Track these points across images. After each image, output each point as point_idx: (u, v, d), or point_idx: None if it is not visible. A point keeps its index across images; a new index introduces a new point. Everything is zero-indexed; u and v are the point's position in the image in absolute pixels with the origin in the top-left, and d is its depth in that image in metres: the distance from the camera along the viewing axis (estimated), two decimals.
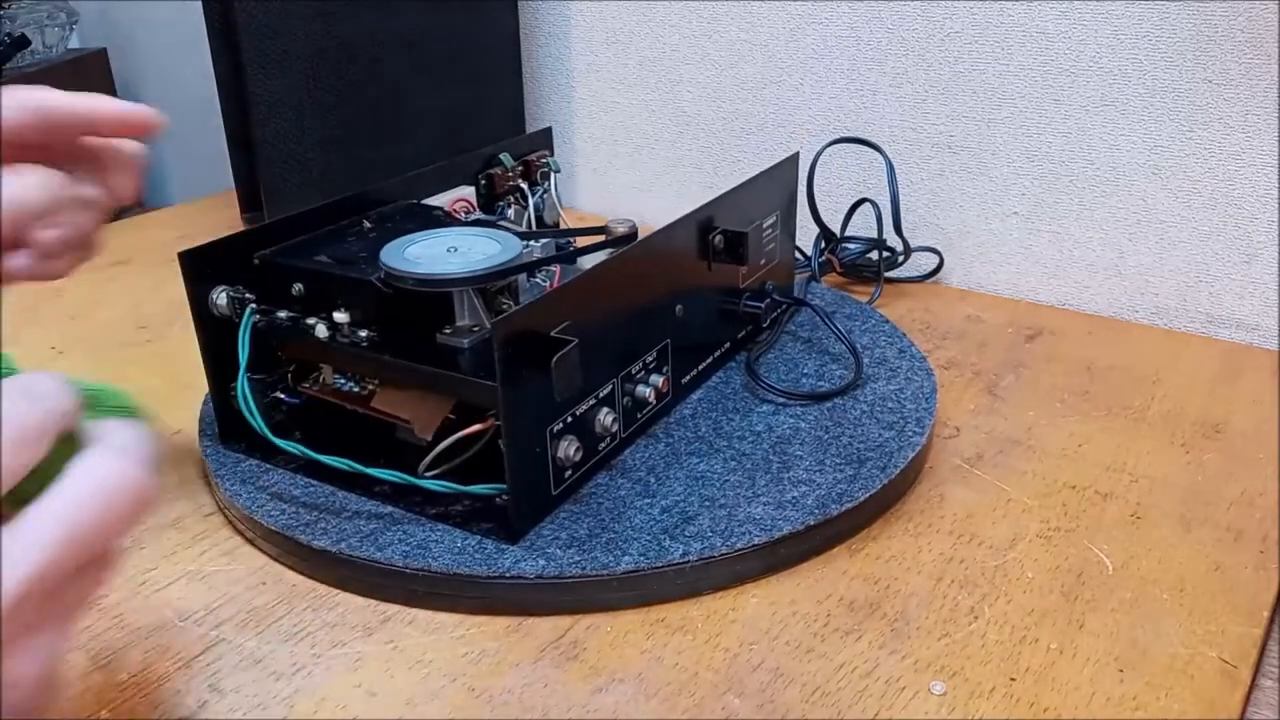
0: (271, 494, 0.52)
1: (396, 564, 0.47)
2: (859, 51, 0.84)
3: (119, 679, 0.44)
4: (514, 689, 0.43)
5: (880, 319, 0.71)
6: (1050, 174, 0.79)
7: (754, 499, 0.51)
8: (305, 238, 0.58)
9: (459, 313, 0.52)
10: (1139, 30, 0.72)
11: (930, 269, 0.84)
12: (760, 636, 0.45)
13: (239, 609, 0.48)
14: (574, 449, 0.50)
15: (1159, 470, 0.57)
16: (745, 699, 0.42)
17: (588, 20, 0.99)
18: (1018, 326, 0.75)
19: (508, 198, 0.71)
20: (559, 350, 0.45)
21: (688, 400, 0.60)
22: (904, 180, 0.84)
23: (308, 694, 0.43)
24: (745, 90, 0.92)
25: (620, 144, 1.01)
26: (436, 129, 0.95)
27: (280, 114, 0.86)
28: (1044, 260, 0.81)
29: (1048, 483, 0.56)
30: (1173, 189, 0.74)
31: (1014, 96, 0.78)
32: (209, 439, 0.57)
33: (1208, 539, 0.51)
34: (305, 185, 0.89)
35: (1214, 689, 0.42)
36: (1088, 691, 0.42)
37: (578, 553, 0.47)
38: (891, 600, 0.47)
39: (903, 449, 0.55)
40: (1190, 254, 0.75)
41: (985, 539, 0.51)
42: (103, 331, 0.77)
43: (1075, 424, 0.62)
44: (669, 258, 0.57)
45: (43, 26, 1.32)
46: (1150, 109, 0.73)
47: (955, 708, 0.41)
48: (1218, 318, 0.75)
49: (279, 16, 0.84)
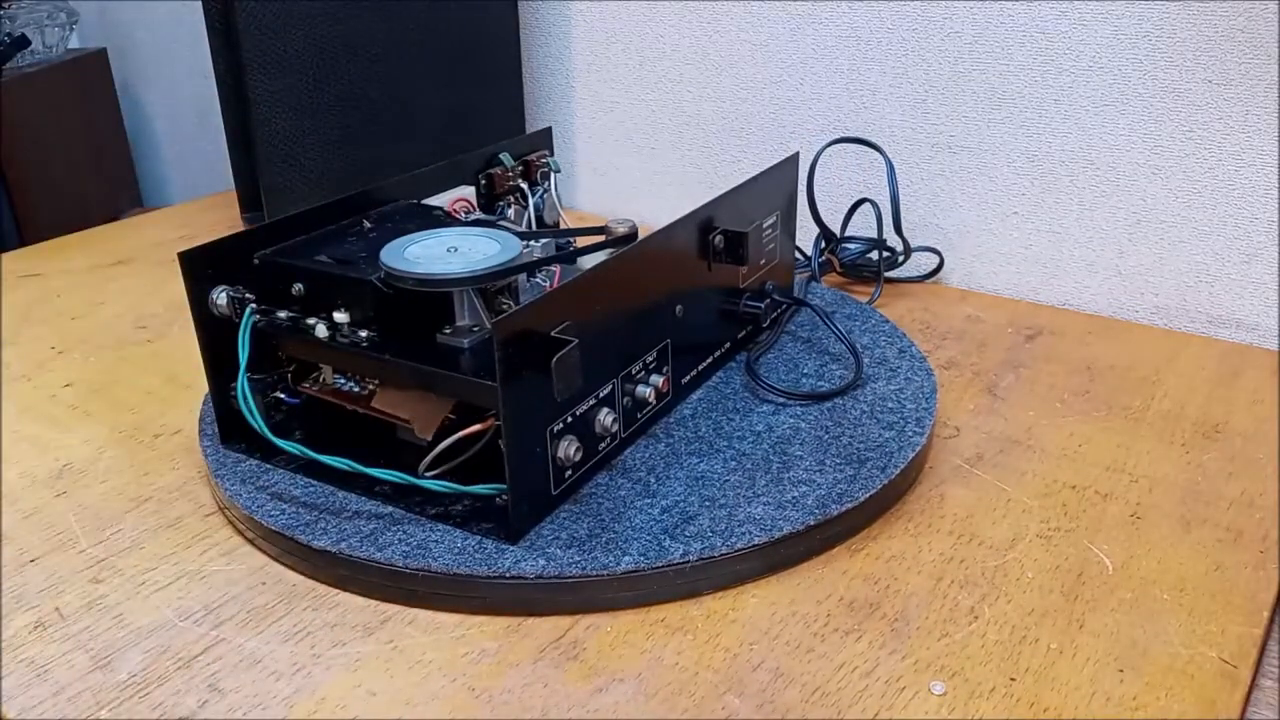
0: (271, 494, 0.52)
1: (396, 564, 0.47)
2: (859, 51, 0.84)
3: (119, 679, 0.44)
4: (514, 689, 0.43)
5: (880, 319, 0.71)
6: (1050, 174, 0.79)
7: (754, 499, 0.51)
8: (305, 238, 0.58)
9: (459, 313, 0.52)
10: (1139, 30, 0.72)
11: (930, 269, 0.84)
12: (760, 636, 0.45)
13: (239, 609, 0.48)
14: (574, 449, 0.50)
15: (1159, 470, 0.57)
16: (745, 699, 0.42)
17: (588, 20, 0.99)
18: (1017, 326, 0.75)
19: (508, 198, 0.71)
20: (559, 350, 0.45)
21: (688, 400, 0.60)
22: (904, 180, 0.84)
23: (308, 694, 0.43)
24: (745, 90, 0.92)
25: (620, 144, 1.01)
26: (436, 129, 0.95)
27: (280, 114, 0.86)
28: (1044, 260, 0.81)
29: (1048, 483, 0.56)
30: (1173, 189, 0.74)
31: (1014, 96, 0.78)
32: (209, 439, 0.57)
33: (1208, 539, 0.51)
34: (305, 185, 0.89)
35: (1214, 689, 0.42)
36: (1088, 691, 0.42)
37: (578, 553, 0.47)
38: (891, 600, 0.47)
39: (903, 449, 0.55)
40: (1190, 254, 0.75)
41: (985, 539, 0.51)
42: (103, 331, 0.77)
43: (1075, 424, 0.62)
44: (669, 258, 0.57)
45: (43, 26, 1.32)
46: (1150, 109, 0.73)
47: (955, 708, 0.41)
48: (1218, 318, 0.75)
49: (279, 16, 0.84)
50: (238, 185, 0.94)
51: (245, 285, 0.54)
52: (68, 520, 0.54)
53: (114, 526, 0.54)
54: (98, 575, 0.50)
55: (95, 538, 0.53)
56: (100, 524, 0.54)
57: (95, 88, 1.37)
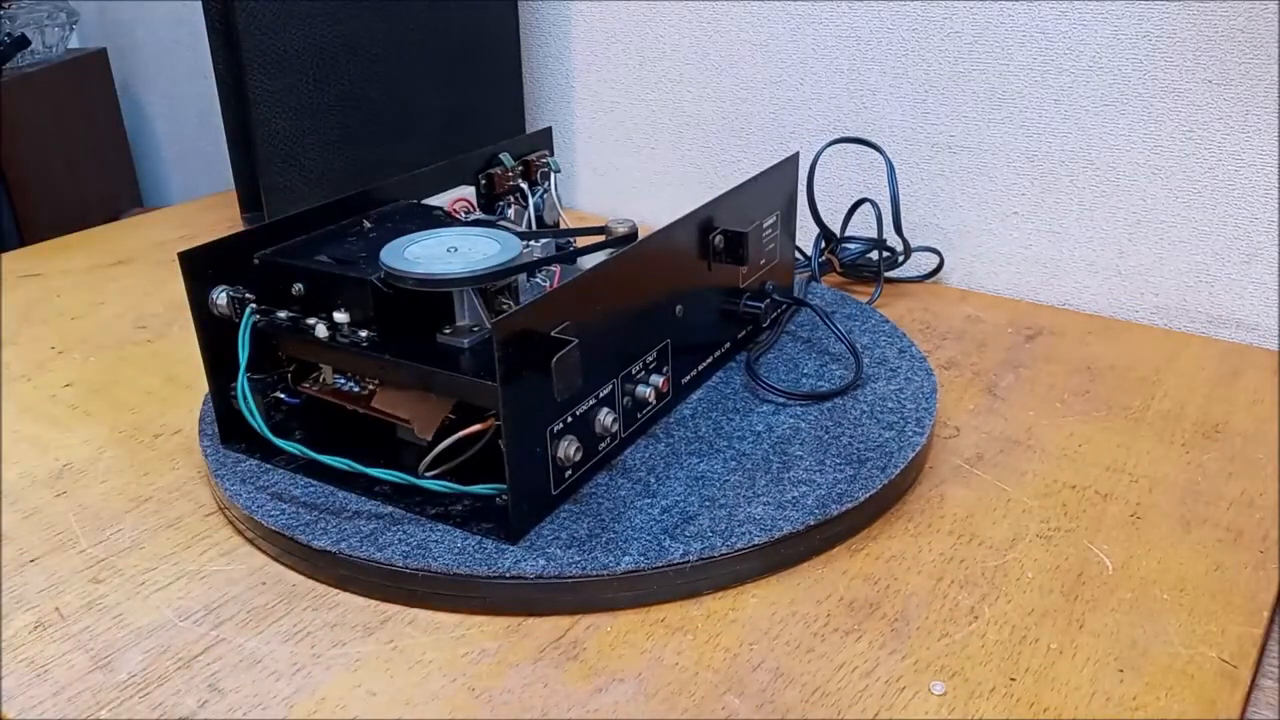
0: (271, 494, 0.52)
1: (396, 564, 0.47)
2: (859, 51, 0.84)
3: (119, 679, 0.44)
4: (514, 689, 0.43)
5: (880, 319, 0.71)
6: (1050, 174, 0.79)
7: (754, 499, 0.51)
8: (305, 238, 0.58)
9: (459, 313, 0.52)
10: (1139, 30, 0.72)
11: (930, 269, 0.84)
12: (760, 636, 0.45)
13: (239, 609, 0.48)
14: (574, 449, 0.50)
15: (1159, 470, 0.57)
16: (745, 699, 0.42)
17: (588, 20, 0.99)
18: (1017, 326, 0.75)
19: (508, 198, 0.71)
20: (559, 350, 0.45)
21: (688, 400, 0.60)
22: (904, 180, 0.84)
23: (308, 694, 0.43)
24: (745, 90, 0.92)
25: (620, 144, 1.01)
26: (437, 129, 0.95)
27: (280, 114, 0.86)
28: (1044, 260, 0.81)
29: (1048, 483, 0.56)
30: (1173, 189, 0.74)
31: (1014, 96, 0.78)
32: (209, 439, 0.57)
33: (1208, 539, 0.51)
34: (305, 185, 0.89)
35: (1214, 689, 0.42)
36: (1088, 691, 0.42)
37: (578, 553, 0.47)
38: (891, 600, 0.47)
39: (903, 449, 0.55)
40: (1190, 254, 0.75)
41: (985, 539, 0.51)
42: (103, 331, 0.77)
43: (1075, 424, 0.62)
44: (669, 258, 0.57)
45: (43, 26, 1.32)
46: (1150, 109, 0.73)
47: (955, 708, 0.41)
48: (1218, 318, 0.75)
49: (279, 16, 0.84)
50: (238, 185, 0.94)
51: (245, 285, 0.54)
52: (68, 520, 0.54)
53: (114, 526, 0.54)
54: (98, 575, 0.50)
55: (95, 538, 0.53)
56: (100, 524, 0.54)
57: (95, 88, 1.37)
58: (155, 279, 0.87)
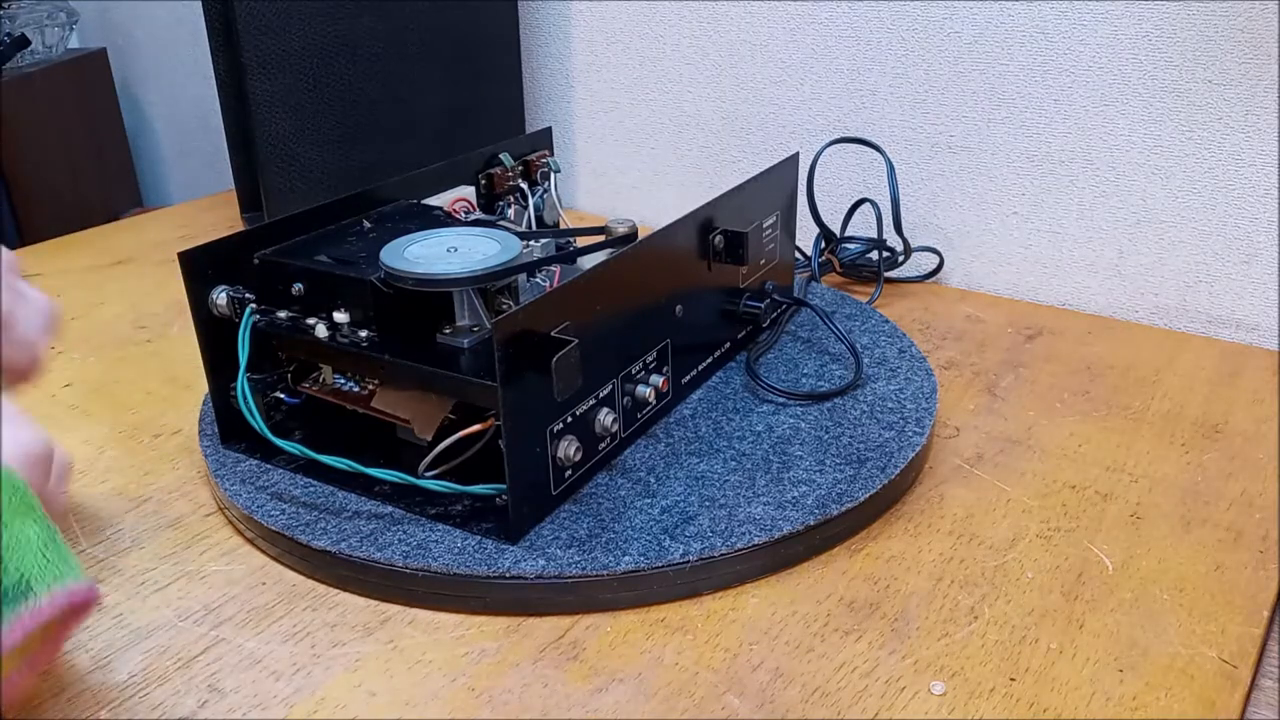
0: (271, 494, 0.52)
1: (396, 564, 0.47)
2: (859, 51, 0.84)
3: (119, 679, 0.44)
4: (514, 689, 0.43)
5: (880, 319, 0.71)
6: (1050, 174, 0.79)
7: (754, 499, 0.51)
8: (305, 238, 0.58)
9: (459, 313, 0.52)
10: (1139, 30, 0.72)
11: (930, 269, 0.84)
12: (760, 636, 0.45)
13: (239, 609, 0.48)
14: (574, 449, 0.50)
15: (1159, 470, 0.57)
16: (745, 699, 0.42)
17: (588, 20, 0.99)
18: (1017, 326, 0.75)
19: (508, 198, 0.71)
20: (559, 350, 0.45)
21: (688, 400, 0.60)
22: (904, 180, 0.84)
23: (308, 694, 0.43)
24: (745, 90, 0.91)
25: (620, 144, 1.01)
26: (436, 129, 0.95)
27: (280, 114, 0.86)
28: (1044, 260, 0.81)
29: (1048, 483, 0.56)
30: (1173, 189, 0.74)
31: (1014, 96, 0.78)
32: (209, 439, 0.57)
33: (1208, 539, 0.51)
34: (305, 185, 0.89)
35: (1214, 689, 0.42)
36: (1088, 691, 0.42)
37: (578, 553, 0.47)
38: (891, 600, 0.47)
39: (903, 449, 0.55)
40: (1190, 254, 0.75)
41: (985, 539, 0.51)
42: (102, 331, 0.77)
43: (1075, 424, 0.62)
44: (669, 258, 0.57)
45: (43, 26, 1.32)
46: (1150, 109, 0.73)
47: (955, 708, 0.41)
48: (1218, 318, 0.75)
49: (279, 16, 0.84)
50: (238, 185, 0.94)
51: (245, 285, 0.54)
52: (67, 520, 0.54)
53: (114, 526, 0.54)
54: (98, 575, 0.50)
55: (95, 538, 0.53)
56: (100, 524, 0.54)
57: (95, 88, 1.37)
58: (155, 279, 0.87)
